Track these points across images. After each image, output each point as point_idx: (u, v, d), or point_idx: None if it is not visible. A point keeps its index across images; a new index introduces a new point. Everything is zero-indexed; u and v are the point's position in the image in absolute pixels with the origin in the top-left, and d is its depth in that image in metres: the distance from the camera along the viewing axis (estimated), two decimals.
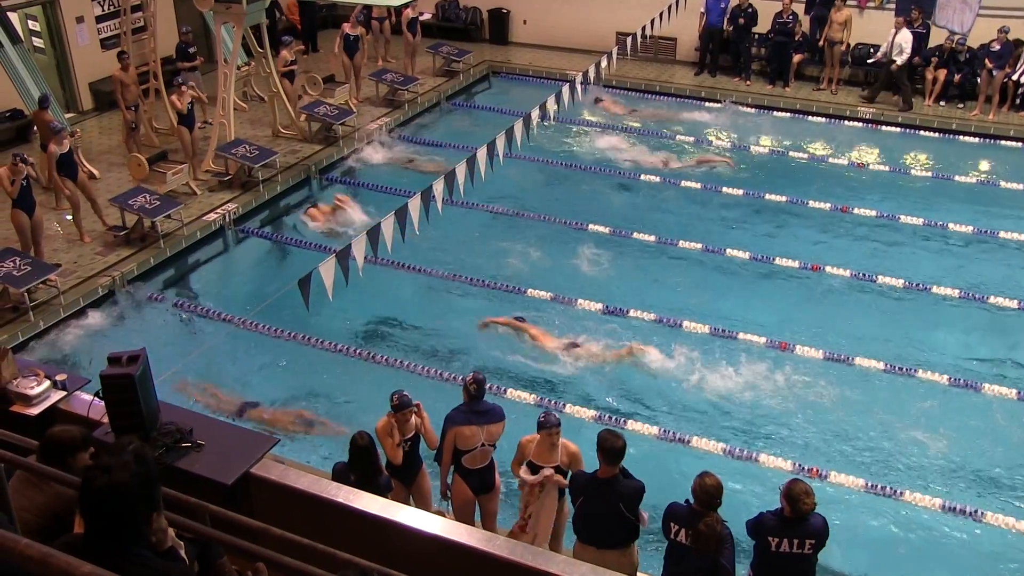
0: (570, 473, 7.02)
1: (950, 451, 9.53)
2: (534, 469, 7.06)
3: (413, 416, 7.53)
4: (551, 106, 12.30)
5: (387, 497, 6.48)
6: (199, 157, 15.09)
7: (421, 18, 20.33)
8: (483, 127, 16.67)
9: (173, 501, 4.56)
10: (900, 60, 17.82)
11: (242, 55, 17.52)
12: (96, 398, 5.81)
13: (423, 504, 7.79)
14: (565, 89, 12.80)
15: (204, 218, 13.70)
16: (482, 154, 10.78)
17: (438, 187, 10.06)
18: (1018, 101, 17.94)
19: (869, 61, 18.79)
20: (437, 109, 18.81)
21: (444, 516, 7.25)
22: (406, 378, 10.24)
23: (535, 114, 12.07)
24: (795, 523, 6.17)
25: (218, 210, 13.93)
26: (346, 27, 17.82)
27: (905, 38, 17.76)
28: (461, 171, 10.39)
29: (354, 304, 11.45)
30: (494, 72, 20.74)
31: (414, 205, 9.65)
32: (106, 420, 5.67)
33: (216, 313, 11.76)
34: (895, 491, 8.89)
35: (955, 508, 8.70)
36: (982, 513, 8.64)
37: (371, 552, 4.87)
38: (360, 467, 6.95)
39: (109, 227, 13.02)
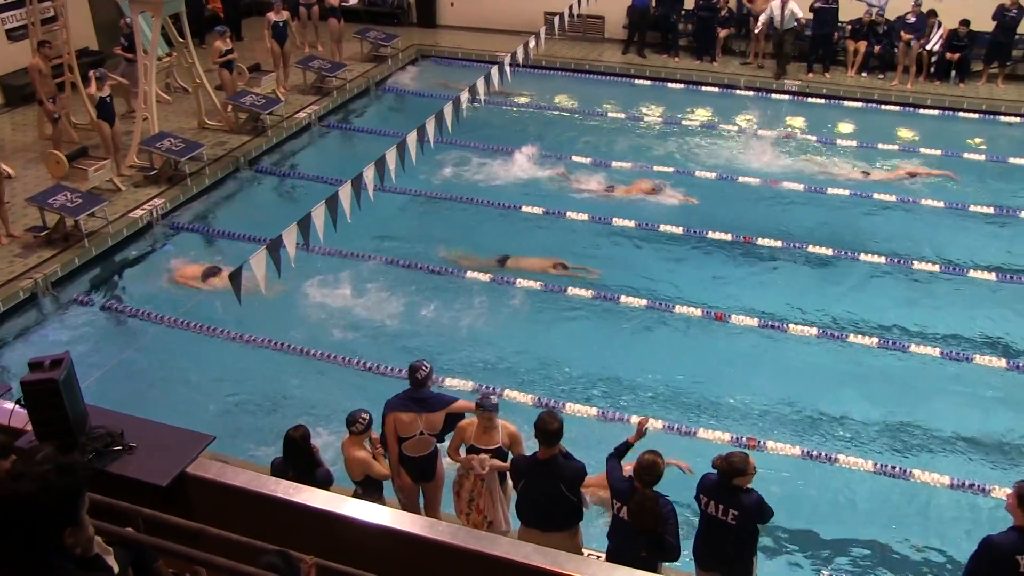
0: (511, 456, 7.03)
1: (880, 413, 9.75)
2: (475, 452, 7.07)
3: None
4: (480, 87, 12.24)
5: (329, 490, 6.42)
6: (122, 152, 14.71)
7: (347, 3, 20.07)
8: (414, 111, 16.55)
9: (104, 507, 4.45)
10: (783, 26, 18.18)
11: (163, 45, 17.10)
12: (17, 405, 5.62)
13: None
14: (494, 71, 12.73)
15: (130, 215, 13.37)
16: (412, 139, 10.68)
17: (368, 173, 9.93)
18: (932, 70, 18.36)
19: (755, 31, 18.96)
20: (367, 95, 18.63)
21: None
22: (345, 373, 10.19)
23: (464, 96, 11.99)
24: (727, 489, 6.32)
25: (145, 206, 13.60)
26: (271, 15, 17.50)
27: (794, 8, 18.16)
28: (391, 156, 10.29)
29: (290, 297, 11.32)
30: (423, 56, 20.58)
31: (344, 193, 9.52)
32: (30, 428, 5.50)
33: (146, 313, 11.50)
34: (830, 456, 9.06)
35: (888, 469, 8.92)
36: (910, 472, 8.88)
37: (317, 546, 4.82)
38: (294, 461, 6.87)
39: (28, 228, 12.64)
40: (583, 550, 7.00)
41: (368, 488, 7.33)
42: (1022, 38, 18.16)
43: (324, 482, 6.85)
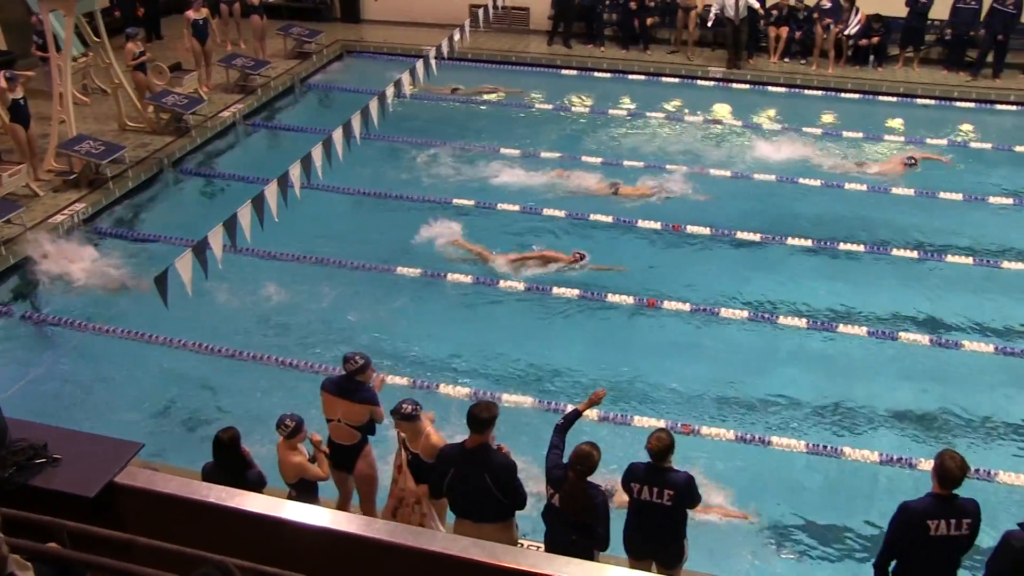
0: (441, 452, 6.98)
1: (810, 393, 9.96)
2: (406, 450, 7.14)
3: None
4: (406, 82, 12.18)
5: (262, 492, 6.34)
6: (40, 156, 14.30)
7: None
8: (341, 107, 16.37)
9: (22, 522, 4.32)
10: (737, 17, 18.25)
11: (79, 45, 16.65)
12: None
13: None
14: (419, 64, 12.68)
15: (50, 220, 13.00)
16: (338, 135, 10.59)
17: (294, 171, 9.83)
18: (849, 53, 18.75)
19: (708, 24, 19.05)
20: (292, 92, 18.39)
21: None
22: (281, 375, 10.06)
23: (390, 91, 11.93)
24: (656, 471, 6.39)
25: (65, 211, 13.25)
26: (191, 13, 17.12)
27: None
28: (317, 154, 10.20)
29: (220, 299, 11.14)
30: (348, 51, 20.37)
31: (271, 192, 9.41)
32: None
33: (69, 321, 11.19)
34: (763, 439, 9.22)
35: (820, 448, 9.11)
36: (841, 450, 9.09)
37: (255, 551, 4.74)
38: (225, 464, 6.76)
39: None
40: (520, 541, 7.01)
41: (303, 491, 7.25)
42: (933, 23, 18.64)
43: (256, 484, 6.76)
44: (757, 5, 18.34)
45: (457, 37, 14.06)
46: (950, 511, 5.87)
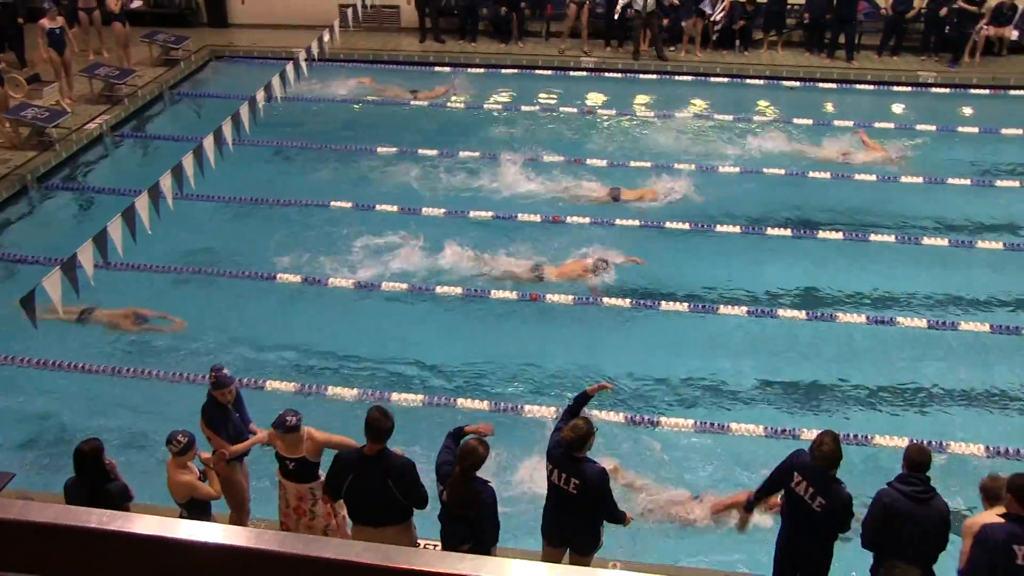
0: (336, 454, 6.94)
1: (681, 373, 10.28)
2: (280, 461, 7.07)
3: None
4: (275, 85, 12.01)
5: (127, 507, 6.16)
6: None
7: (130, 6, 19.10)
8: (212, 114, 16.01)
9: None
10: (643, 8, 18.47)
11: None
12: None
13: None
14: (289, 67, 12.53)
15: None
16: (209, 143, 10.37)
17: (165, 182, 9.60)
18: (714, 38, 19.30)
19: (616, 18, 19.16)
20: (161, 101, 17.87)
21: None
22: (164, 391, 9.80)
23: (260, 96, 11.74)
24: (569, 459, 6.48)
25: None
26: (45, 21, 16.41)
27: None
28: (189, 162, 9.97)
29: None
30: (217, 57, 19.90)
31: (142, 204, 9.17)
32: None
33: None
34: (653, 420, 9.45)
35: (707, 426, 9.41)
36: (727, 425, 9.40)
37: (146, 574, 4.61)
38: (87, 478, 6.58)
39: None
40: (420, 541, 7.02)
41: (193, 510, 7.09)
42: (793, 7, 19.35)
43: (120, 498, 6.57)
44: None
45: (327, 38, 13.95)
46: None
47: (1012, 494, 5.70)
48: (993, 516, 5.81)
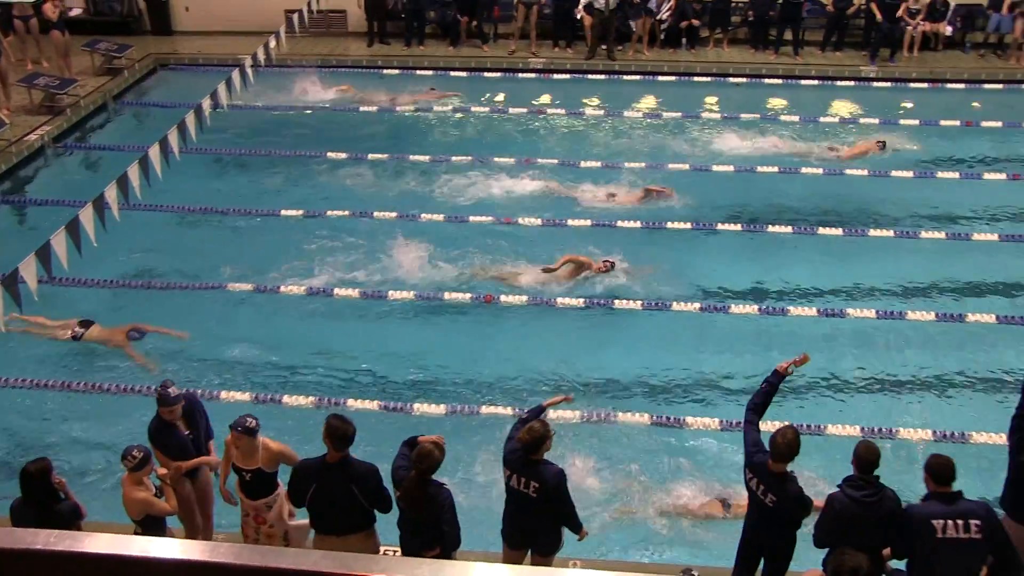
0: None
1: (639, 370, 10.34)
2: (236, 472, 6.95)
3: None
4: (222, 93, 11.89)
5: (79, 526, 6.05)
6: None
7: (69, 14, 18.76)
8: (158, 123, 15.78)
9: None
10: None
11: None
12: None
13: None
14: (235, 74, 12.41)
15: None
16: (155, 152, 10.23)
17: (110, 193, 9.46)
18: (662, 37, 19.47)
19: (578, 17, 19.14)
20: (105, 111, 17.60)
21: None
22: (117, 403, 9.65)
23: (207, 103, 11.62)
24: (526, 462, 6.48)
25: None
26: None
27: None
28: (134, 173, 9.84)
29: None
30: (162, 65, 19.64)
31: (86, 216, 9.03)
32: None
33: None
34: (609, 415, 9.51)
35: (662, 420, 9.47)
36: (683, 420, 9.48)
37: None
38: (34, 498, 6.45)
39: None
40: (381, 548, 6.99)
41: (149, 527, 6.98)
42: (738, 4, 19.58)
43: (71, 517, 6.46)
44: None
45: (273, 44, 13.85)
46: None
47: (927, 473, 6.02)
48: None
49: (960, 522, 5.81)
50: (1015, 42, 18.72)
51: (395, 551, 6.90)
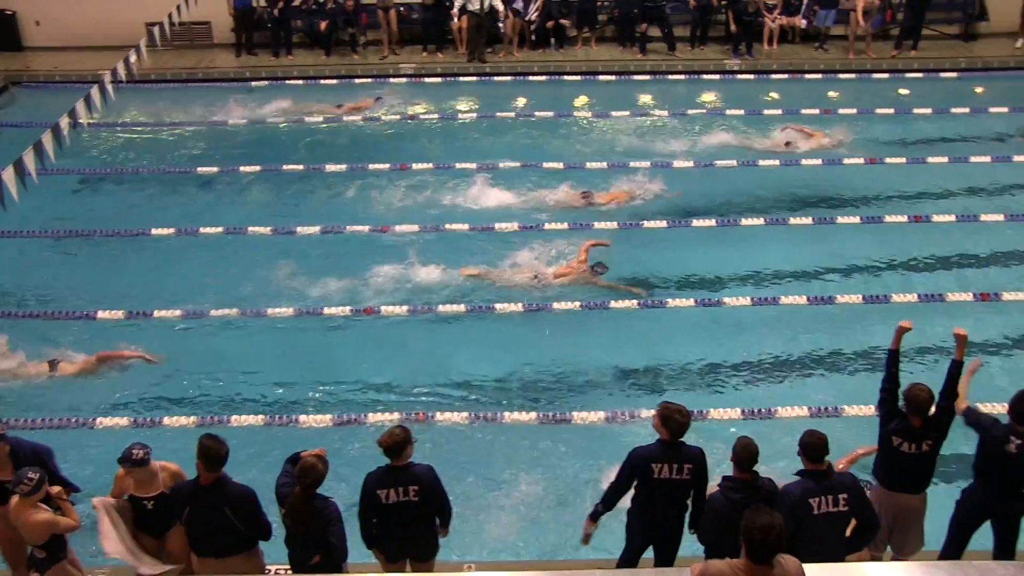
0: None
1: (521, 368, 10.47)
2: (133, 502, 6.65)
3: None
4: (81, 110, 11.45)
5: None
6: None
7: None
8: (12, 144, 15.07)
9: None
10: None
11: None
12: None
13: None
14: (94, 91, 11.96)
15: None
16: (9, 175, 9.76)
17: None
18: (533, 38, 19.70)
19: (455, 21, 19.15)
20: None
21: None
22: None
23: (64, 122, 11.16)
24: (394, 471, 6.36)
25: None
26: None
27: None
28: None
29: None
30: (14, 83, 18.78)
31: None
32: None
33: None
34: (496, 416, 9.58)
35: (549, 417, 9.58)
36: (570, 415, 9.61)
37: None
38: None
39: None
40: (268, 567, 6.85)
41: (52, 548, 6.58)
42: (604, 4, 19.93)
43: None
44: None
45: (134, 59, 13.40)
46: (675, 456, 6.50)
47: (801, 450, 6.25)
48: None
49: (830, 497, 6.10)
50: (852, 34, 19.38)
51: (285, 569, 6.77)
